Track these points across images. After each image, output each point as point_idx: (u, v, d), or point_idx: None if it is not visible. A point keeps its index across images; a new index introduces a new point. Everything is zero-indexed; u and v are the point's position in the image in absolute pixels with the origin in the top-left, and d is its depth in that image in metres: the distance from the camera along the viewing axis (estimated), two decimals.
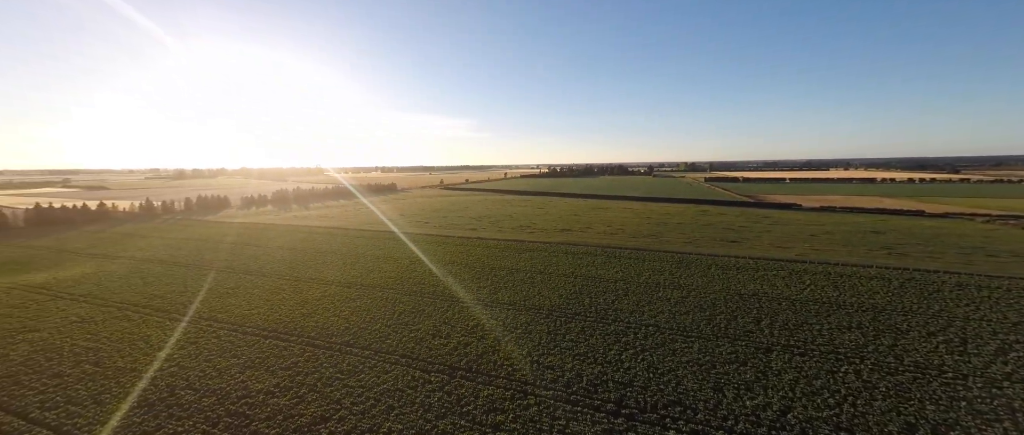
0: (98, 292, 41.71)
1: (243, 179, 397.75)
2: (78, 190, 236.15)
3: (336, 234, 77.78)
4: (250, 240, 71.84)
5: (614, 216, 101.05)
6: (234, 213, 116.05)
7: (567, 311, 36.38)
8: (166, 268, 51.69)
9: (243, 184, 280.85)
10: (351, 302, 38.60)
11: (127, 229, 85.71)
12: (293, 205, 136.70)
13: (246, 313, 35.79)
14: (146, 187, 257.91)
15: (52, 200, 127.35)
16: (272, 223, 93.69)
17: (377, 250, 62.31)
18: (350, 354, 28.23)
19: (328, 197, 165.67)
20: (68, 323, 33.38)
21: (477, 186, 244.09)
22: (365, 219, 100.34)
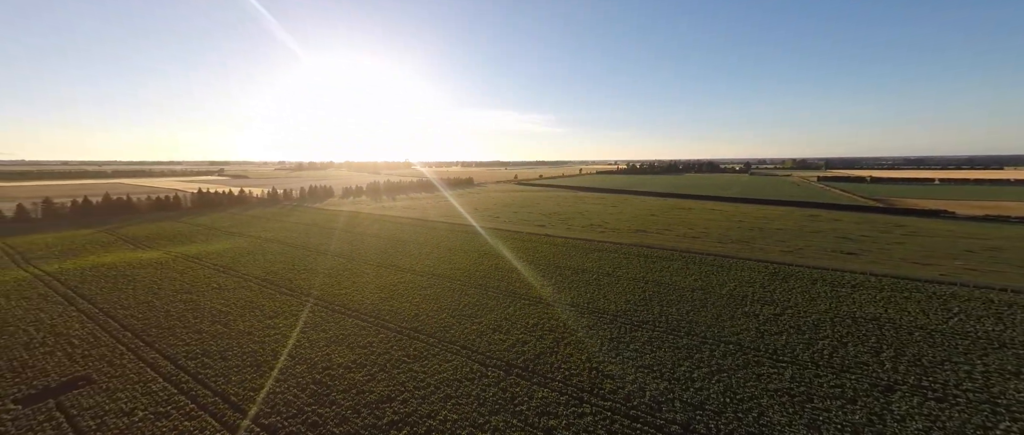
0: (231, 264, 51.10)
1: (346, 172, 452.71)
2: (227, 178, 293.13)
3: (416, 225, 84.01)
4: (344, 226, 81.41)
5: (698, 217, 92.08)
6: (336, 202, 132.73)
7: (634, 318, 34.08)
8: (280, 248, 61.20)
9: (345, 176, 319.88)
10: (423, 290, 41.26)
11: (256, 212, 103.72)
12: (383, 196, 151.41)
13: (335, 292, 40.56)
14: (274, 177, 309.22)
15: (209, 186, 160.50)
16: (364, 212, 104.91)
17: (450, 242, 65.70)
18: (417, 339, 30.16)
19: (412, 190, 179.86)
20: (210, 289, 41.49)
21: (550, 182, 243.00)
22: (442, 212, 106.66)
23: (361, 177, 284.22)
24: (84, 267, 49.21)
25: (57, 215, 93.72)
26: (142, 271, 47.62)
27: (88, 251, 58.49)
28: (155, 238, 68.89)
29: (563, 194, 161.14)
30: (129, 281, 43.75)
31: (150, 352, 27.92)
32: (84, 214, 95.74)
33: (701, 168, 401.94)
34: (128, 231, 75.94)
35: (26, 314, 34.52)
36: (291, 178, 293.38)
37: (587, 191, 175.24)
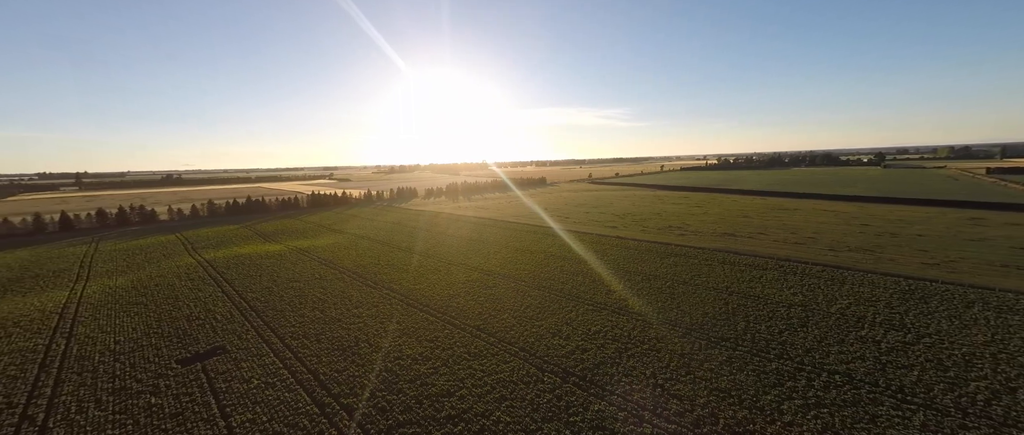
0: (330, 258, 58.90)
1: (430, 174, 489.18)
2: (335, 181, 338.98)
3: (487, 225, 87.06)
4: (422, 225, 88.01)
5: (804, 220, 79.12)
6: (419, 202, 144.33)
7: (711, 333, 30.64)
8: (369, 244, 68.64)
9: (428, 178, 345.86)
10: (488, 289, 42.57)
11: (354, 211, 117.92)
12: (460, 196, 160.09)
13: (409, 288, 44.08)
14: (371, 179, 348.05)
15: (321, 189, 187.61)
16: (441, 212, 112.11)
17: (518, 242, 66.66)
18: (478, 338, 31.21)
19: (487, 190, 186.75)
20: (313, 279, 48.39)
21: (627, 180, 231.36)
22: (513, 211, 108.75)
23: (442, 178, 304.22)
24: (228, 256, 61.33)
25: (216, 213, 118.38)
26: (266, 261, 57.58)
27: (232, 243, 72.77)
28: (278, 233, 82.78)
29: (640, 193, 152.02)
30: (257, 269, 53.26)
31: (267, 330, 33.61)
32: (232, 212, 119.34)
33: (814, 161, 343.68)
34: (260, 227, 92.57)
35: (190, 292, 44.28)
36: (384, 180, 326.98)
37: (667, 189, 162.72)
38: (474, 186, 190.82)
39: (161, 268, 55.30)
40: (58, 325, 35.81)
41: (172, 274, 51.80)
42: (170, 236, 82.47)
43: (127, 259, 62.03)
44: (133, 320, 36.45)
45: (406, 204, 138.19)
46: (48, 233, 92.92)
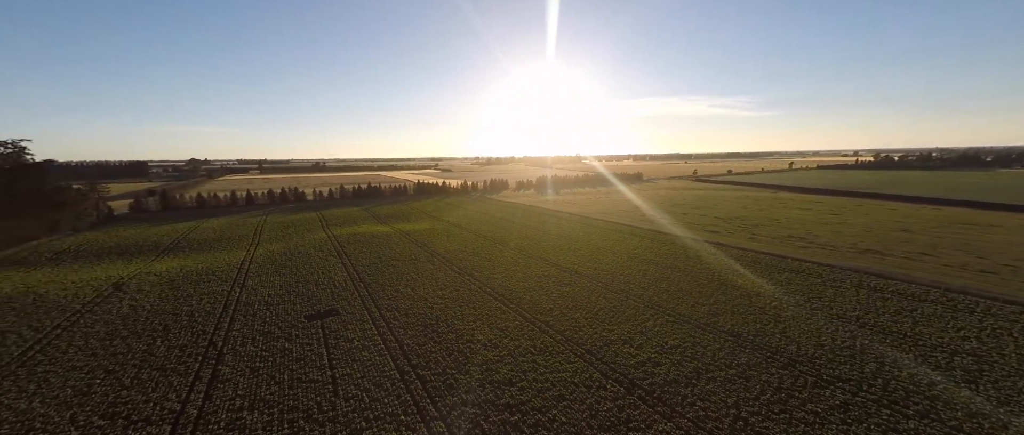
0: (426, 242, 65.49)
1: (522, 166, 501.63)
2: (438, 171, 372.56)
3: (572, 220, 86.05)
4: (509, 217, 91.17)
5: (1004, 241, 59.41)
6: (509, 194, 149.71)
7: (825, 371, 25.60)
8: (459, 232, 74.15)
9: (520, 170, 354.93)
10: (563, 286, 42.44)
11: (451, 200, 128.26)
12: (549, 190, 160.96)
13: (487, 275, 46.50)
14: (469, 170, 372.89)
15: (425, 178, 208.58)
16: (528, 204, 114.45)
17: (601, 240, 64.49)
18: (546, 334, 31.56)
19: (576, 184, 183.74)
20: (409, 259, 54.62)
21: (740, 179, 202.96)
22: (602, 208, 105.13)
23: (533, 171, 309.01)
24: (349, 233, 72.99)
25: (346, 196, 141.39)
26: (376, 240, 66.91)
27: (353, 222, 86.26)
28: (388, 216, 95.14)
29: (755, 194, 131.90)
30: (368, 246, 62.33)
31: (368, 300, 39.37)
32: (357, 196, 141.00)
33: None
34: (375, 209, 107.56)
35: (320, 261, 54.20)
36: (480, 171, 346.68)
37: (793, 191, 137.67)
38: (563, 180, 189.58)
39: (303, 240, 68.69)
40: (237, 277, 47.57)
41: (310, 245, 63.96)
42: (312, 214, 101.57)
43: (282, 230, 78.58)
44: (280, 279, 46.35)
45: (496, 195, 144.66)
46: (239, 206, 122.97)
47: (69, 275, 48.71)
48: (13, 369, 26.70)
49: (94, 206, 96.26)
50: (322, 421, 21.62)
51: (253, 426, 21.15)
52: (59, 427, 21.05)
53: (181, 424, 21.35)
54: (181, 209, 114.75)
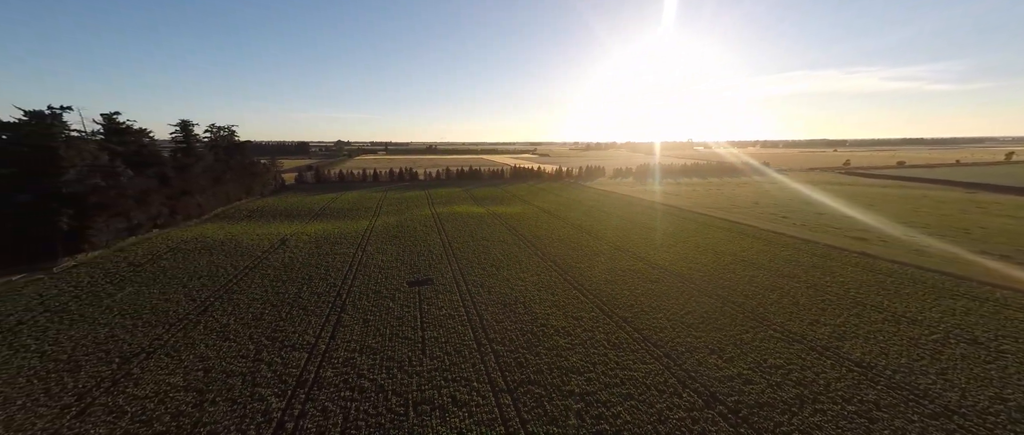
0: (515, 225, 68.15)
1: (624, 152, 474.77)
2: (536, 157, 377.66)
3: (672, 213, 79.23)
4: (601, 206, 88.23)
5: None
6: (605, 181, 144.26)
7: (991, 416, 19.51)
8: (547, 218, 75.03)
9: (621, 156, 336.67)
10: (649, 283, 40.09)
11: (544, 186, 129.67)
12: (649, 179, 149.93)
13: (571, 263, 46.44)
14: (566, 156, 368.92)
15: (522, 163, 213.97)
16: (624, 194, 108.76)
17: (703, 238, 58.24)
18: (622, 330, 30.60)
19: (684, 174, 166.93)
20: (498, 241, 57.80)
21: (915, 172, 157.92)
22: (710, 201, 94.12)
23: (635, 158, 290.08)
24: (449, 212, 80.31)
25: (450, 177, 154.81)
26: (471, 220, 72.30)
27: (453, 202, 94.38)
28: (484, 198, 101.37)
29: (938, 194, 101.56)
30: (464, 225, 67.85)
31: (458, 274, 43.34)
32: (459, 178, 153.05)
33: None
34: (474, 191, 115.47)
35: (423, 235, 61.28)
36: (577, 157, 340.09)
37: (1001, 192, 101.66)
38: (668, 168, 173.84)
39: (412, 215, 78.20)
40: (361, 242, 57.10)
41: (416, 220, 72.58)
42: (421, 192, 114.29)
43: (397, 205, 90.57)
44: (391, 247, 54.04)
45: (591, 182, 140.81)
46: (368, 182, 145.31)
47: (256, 229, 64.89)
48: (220, 294, 37.41)
49: (273, 177, 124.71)
50: (411, 373, 25.26)
51: (361, 366, 25.90)
52: (241, 339, 29.03)
53: (314, 354, 27.34)
54: (328, 182, 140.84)
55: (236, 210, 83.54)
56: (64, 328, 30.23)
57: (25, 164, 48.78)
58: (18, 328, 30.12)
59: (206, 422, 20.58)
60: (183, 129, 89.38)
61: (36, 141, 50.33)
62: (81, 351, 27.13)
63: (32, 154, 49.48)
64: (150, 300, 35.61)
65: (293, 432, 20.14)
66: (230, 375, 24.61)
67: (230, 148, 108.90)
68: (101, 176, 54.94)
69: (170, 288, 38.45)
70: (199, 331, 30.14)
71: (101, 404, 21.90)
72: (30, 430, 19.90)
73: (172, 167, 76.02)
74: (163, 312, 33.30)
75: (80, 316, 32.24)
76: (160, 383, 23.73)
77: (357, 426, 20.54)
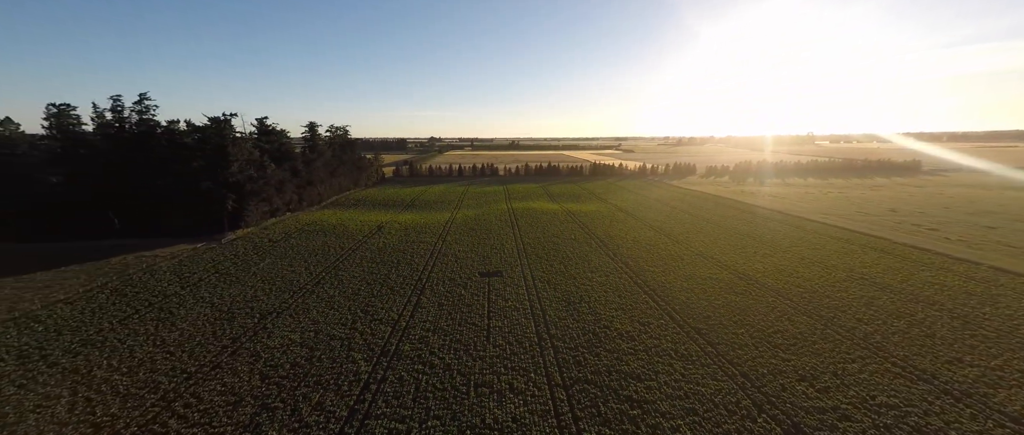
0: (588, 222, 67.04)
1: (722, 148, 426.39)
2: (619, 152, 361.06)
3: (773, 219, 69.68)
4: (686, 207, 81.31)
5: None
6: (694, 180, 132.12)
7: None
8: (624, 217, 72.02)
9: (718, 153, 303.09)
10: (733, 295, 36.41)
11: (624, 183, 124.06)
12: (750, 179, 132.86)
13: (644, 266, 44.27)
14: (653, 152, 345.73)
15: (602, 159, 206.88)
16: (716, 195, 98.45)
17: (809, 248, 50.31)
18: (693, 341, 28.59)
19: (797, 173, 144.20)
20: (569, 238, 57.67)
21: None
22: (826, 206, 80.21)
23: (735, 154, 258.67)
24: (524, 208, 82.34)
25: (529, 173, 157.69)
26: (544, 217, 73.21)
27: (529, 198, 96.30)
28: (559, 195, 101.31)
29: None
30: (537, 221, 69.08)
31: (526, 269, 44.69)
32: (537, 174, 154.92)
33: None
34: (550, 188, 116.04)
35: (498, 229, 64.20)
36: (665, 153, 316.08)
37: None
38: (777, 167, 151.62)
39: (490, 209, 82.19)
40: (442, 233, 62.30)
41: (493, 215, 76.15)
42: (500, 187, 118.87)
43: (477, 200, 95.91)
44: (468, 239, 57.87)
45: (678, 181, 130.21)
46: (453, 176, 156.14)
47: (359, 216, 75.15)
48: (329, 270, 44.67)
49: (376, 171, 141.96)
50: (475, 357, 27.34)
51: (433, 345, 28.87)
52: (343, 310, 34.50)
53: (396, 329, 31.26)
54: (419, 176, 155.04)
55: (346, 199, 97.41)
56: (225, 287, 39.46)
57: (207, 159, 63.99)
58: (198, 284, 40.23)
59: (313, 373, 25.29)
60: (310, 129, 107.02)
61: (215, 141, 65.57)
62: (235, 305, 35.22)
63: (212, 151, 64.64)
64: (281, 270, 44.24)
65: (376, 393, 23.60)
66: (332, 338, 29.63)
67: (343, 145, 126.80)
68: (254, 169, 69.25)
69: (295, 262, 47.15)
70: (313, 299, 36.63)
71: (246, 348, 28.35)
72: (202, 359, 26.81)
73: (301, 161, 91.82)
74: (289, 281, 41.16)
75: (236, 278, 41.67)
76: (284, 337, 29.70)
77: (425, 396, 23.18)
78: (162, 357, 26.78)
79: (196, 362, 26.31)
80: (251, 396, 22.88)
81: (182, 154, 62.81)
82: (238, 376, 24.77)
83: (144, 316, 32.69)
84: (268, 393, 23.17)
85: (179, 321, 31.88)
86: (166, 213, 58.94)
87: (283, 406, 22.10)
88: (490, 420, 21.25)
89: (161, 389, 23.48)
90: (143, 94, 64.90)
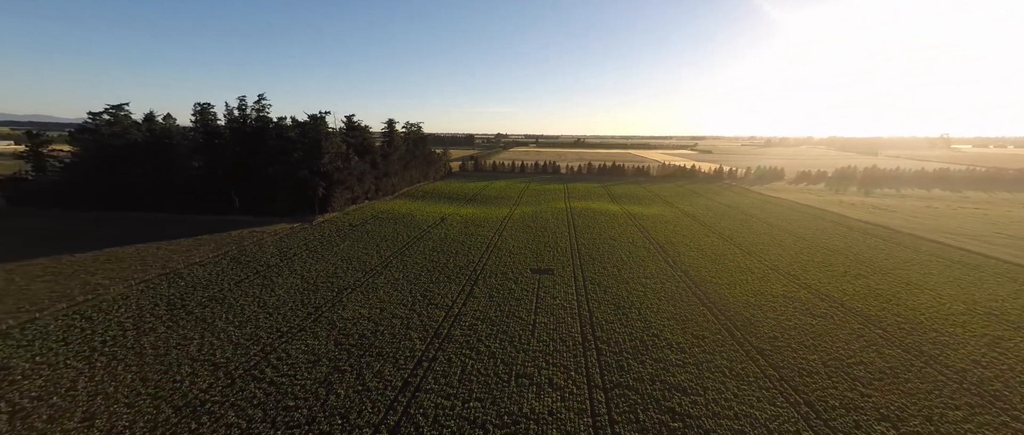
0: (649, 226, 64.20)
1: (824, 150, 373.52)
2: (695, 153, 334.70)
3: (872, 234, 60.17)
4: (766, 216, 73.42)
5: None
6: (781, 187, 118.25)
7: None
8: (690, 222, 67.53)
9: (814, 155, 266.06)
10: (809, 317, 32.73)
11: (695, 187, 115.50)
12: (852, 187, 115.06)
13: (705, 277, 41.48)
14: (735, 153, 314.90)
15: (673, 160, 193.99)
16: (805, 203, 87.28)
17: (922, 273, 42.80)
18: (752, 362, 26.53)
19: (915, 182, 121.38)
20: (626, 242, 55.94)
21: None
22: (950, 224, 66.87)
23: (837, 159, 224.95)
24: (582, 208, 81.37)
25: (591, 172, 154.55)
26: (603, 217, 71.72)
27: (589, 198, 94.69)
28: (621, 196, 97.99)
29: None
30: (595, 222, 68.02)
31: (578, 269, 44.64)
32: (599, 173, 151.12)
33: None
34: (612, 188, 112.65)
35: (554, 227, 64.60)
36: (748, 155, 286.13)
37: None
38: (891, 174, 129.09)
39: (548, 207, 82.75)
40: (499, 228, 64.55)
41: (550, 213, 76.62)
42: (560, 185, 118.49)
43: (536, 197, 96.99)
44: (523, 235, 59.25)
45: (760, 186, 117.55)
46: (515, 173, 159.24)
47: (425, 207, 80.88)
48: (396, 255, 49.21)
49: (443, 165, 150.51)
50: (519, 349, 28.53)
51: (481, 333, 30.68)
52: (405, 292, 38.02)
53: (449, 315, 33.72)
54: (484, 171, 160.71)
55: (415, 190, 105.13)
56: (313, 262, 45.76)
57: (305, 151, 73.95)
58: (293, 258, 47.18)
59: (376, 345, 28.60)
60: (389, 126, 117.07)
61: (312, 135, 75.43)
62: (319, 279, 40.79)
63: (309, 145, 74.52)
64: (357, 252, 49.88)
65: (427, 370, 26.01)
66: (394, 317, 33.01)
67: (417, 140, 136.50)
68: (341, 161, 78.29)
69: (369, 245, 52.73)
70: (381, 280, 40.90)
71: (326, 317, 32.91)
72: (292, 322, 31.78)
73: (379, 155, 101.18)
74: (363, 262, 46.32)
75: (321, 256, 48.04)
76: (355, 311, 33.83)
77: (470, 379, 24.96)
78: (263, 316, 32.29)
79: (287, 323, 31.29)
80: (326, 358, 26.73)
81: (286, 146, 73.32)
82: (318, 339, 29.00)
83: (252, 281, 39.46)
84: (339, 357, 26.84)
85: (277, 288, 37.94)
86: (273, 196, 69.47)
87: (350, 370, 25.48)
88: (527, 410, 22.28)
89: (261, 342, 28.49)
90: (261, 95, 76.85)
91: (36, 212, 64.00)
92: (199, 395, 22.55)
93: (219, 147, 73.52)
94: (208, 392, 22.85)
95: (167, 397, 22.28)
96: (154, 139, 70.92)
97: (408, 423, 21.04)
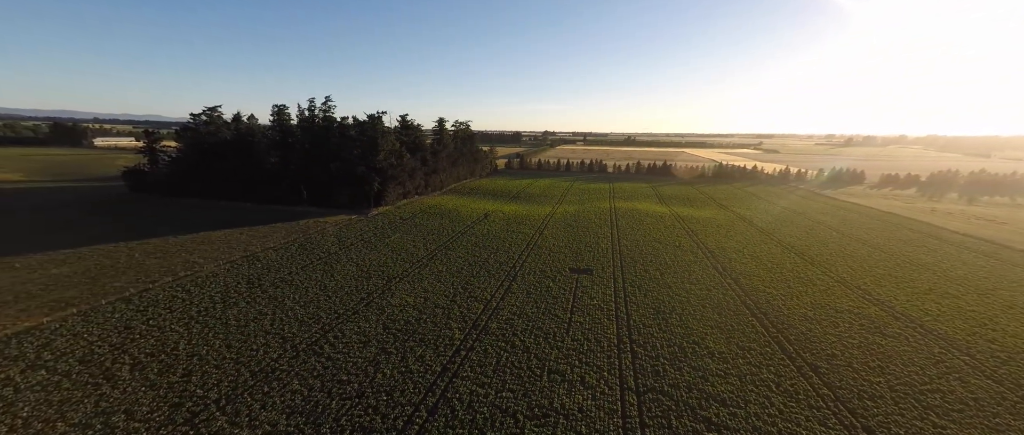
0: (698, 230, 61.04)
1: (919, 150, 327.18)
2: (759, 152, 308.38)
3: (969, 248, 52.25)
4: (837, 223, 66.41)
5: None
6: (858, 191, 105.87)
7: None
8: (745, 227, 63.06)
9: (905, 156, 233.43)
10: (878, 336, 29.65)
11: (755, 189, 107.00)
12: (951, 194, 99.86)
13: (757, 286, 38.85)
14: (808, 153, 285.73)
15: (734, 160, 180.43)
16: (887, 211, 77.54)
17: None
18: (805, 379, 24.75)
19: None
20: (672, 245, 53.82)
21: None
22: None
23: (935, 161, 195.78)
24: (627, 208, 79.20)
25: (640, 171, 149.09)
26: (648, 219, 69.37)
27: (635, 198, 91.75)
28: (671, 197, 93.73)
29: None
30: (639, 224, 66.05)
31: (618, 270, 43.95)
32: (648, 173, 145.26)
33: None
34: (661, 189, 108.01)
35: (596, 227, 63.80)
36: (822, 155, 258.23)
37: None
38: (1003, 180, 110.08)
39: (591, 206, 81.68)
40: (540, 226, 65.12)
41: (593, 212, 75.61)
42: (605, 184, 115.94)
43: (579, 196, 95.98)
44: (565, 234, 59.27)
45: (835, 190, 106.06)
46: (560, 171, 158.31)
47: (471, 203, 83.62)
48: (441, 248, 51.79)
49: (490, 162, 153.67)
50: (553, 345, 29.10)
51: (516, 328, 31.66)
52: (447, 284, 40.09)
53: (487, 308, 35.11)
54: (529, 169, 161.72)
55: (462, 187, 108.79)
56: (367, 252, 49.69)
57: (363, 149, 79.83)
58: (350, 247, 51.56)
59: (420, 331, 30.72)
60: (439, 124, 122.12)
61: (370, 134, 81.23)
62: (372, 268, 44.30)
63: (367, 142, 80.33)
64: (405, 244, 53.23)
65: (464, 358, 27.52)
66: (436, 306, 35.08)
67: (465, 138, 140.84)
68: (395, 158, 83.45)
69: (417, 238, 56.00)
70: (426, 271, 43.46)
71: (376, 303, 35.84)
72: (347, 305, 35.04)
73: (429, 152, 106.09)
74: (411, 253, 49.40)
75: (374, 246, 51.96)
76: (401, 299, 36.44)
77: (503, 371, 26.04)
78: (323, 298, 35.94)
79: (343, 306, 34.58)
80: (375, 340, 29.27)
81: (347, 144, 79.65)
82: (368, 323, 31.77)
83: (315, 267, 43.88)
84: (387, 340, 29.26)
85: (336, 274, 41.87)
86: (334, 190, 76.01)
87: (396, 352, 27.73)
88: (557, 405, 22.87)
89: (321, 322, 31.85)
90: (327, 97, 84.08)
91: (150, 198, 75.85)
92: (271, 363, 25.94)
93: (291, 145, 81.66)
94: (277, 361, 26.19)
95: (246, 363, 25.90)
96: (240, 137, 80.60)
97: (445, 405, 22.60)
